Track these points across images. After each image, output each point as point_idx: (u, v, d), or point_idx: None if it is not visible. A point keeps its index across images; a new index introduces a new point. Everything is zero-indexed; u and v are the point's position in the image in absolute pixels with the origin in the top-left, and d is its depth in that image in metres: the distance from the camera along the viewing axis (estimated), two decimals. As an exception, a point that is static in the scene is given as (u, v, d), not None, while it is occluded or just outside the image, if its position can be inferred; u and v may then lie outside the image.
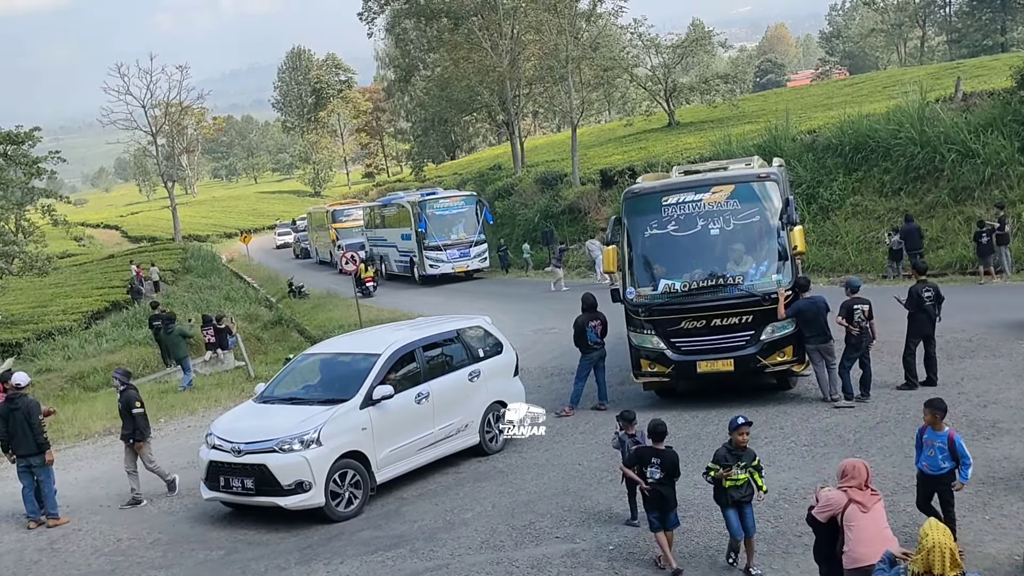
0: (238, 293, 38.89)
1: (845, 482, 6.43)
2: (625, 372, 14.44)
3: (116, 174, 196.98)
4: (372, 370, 10.98)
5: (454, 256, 32.26)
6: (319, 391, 11.38)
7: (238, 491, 10.46)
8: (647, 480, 8.03)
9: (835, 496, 6.42)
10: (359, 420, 10.65)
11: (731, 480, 7.68)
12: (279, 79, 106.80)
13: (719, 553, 8.23)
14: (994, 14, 68.58)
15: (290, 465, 10.08)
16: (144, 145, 70.27)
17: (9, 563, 10.14)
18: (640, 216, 13.27)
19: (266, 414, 11.10)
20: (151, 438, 12.01)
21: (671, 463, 8.07)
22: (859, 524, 6.27)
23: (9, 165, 34.80)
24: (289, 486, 10.10)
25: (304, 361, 12.48)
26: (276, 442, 10.24)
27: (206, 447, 10.89)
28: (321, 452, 10.18)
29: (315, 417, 10.47)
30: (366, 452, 10.62)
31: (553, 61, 38.64)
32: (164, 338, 20.91)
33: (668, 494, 8.05)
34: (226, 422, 11.32)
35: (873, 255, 23.00)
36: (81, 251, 56.52)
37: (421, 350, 11.79)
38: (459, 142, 78.73)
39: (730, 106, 43.09)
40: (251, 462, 10.26)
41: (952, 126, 23.49)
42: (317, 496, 10.14)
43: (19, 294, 34.48)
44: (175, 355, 20.65)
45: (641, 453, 8.29)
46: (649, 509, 8.13)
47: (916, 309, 12.71)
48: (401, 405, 11.03)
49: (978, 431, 10.47)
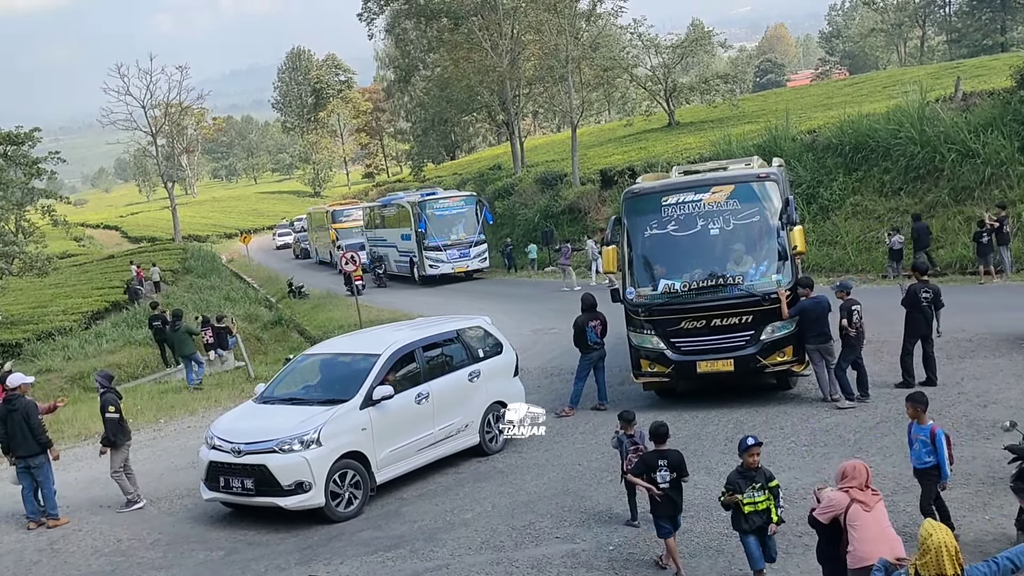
0: (238, 293, 38.90)
1: (846, 483, 6.39)
2: (625, 372, 14.44)
3: (116, 174, 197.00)
4: (372, 370, 10.97)
5: (454, 256, 32.26)
6: (319, 391, 11.36)
7: (238, 491, 10.45)
8: (659, 485, 7.87)
9: (837, 497, 6.38)
10: (359, 420, 10.64)
11: (748, 503, 7.20)
12: (279, 79, 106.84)
13: (719, 554, 8.22)
14: (994, 14, 68.58)
15: (290, 465, 10.07)
16: (144, 145, 70.34)
17: (9, 563, 10.13)
18: (640, 216, 13.26)
19: (266, 414, 11.09)
20: (127, 445, 11.64)
21: (677, 463, 7.98)
22: (862, 523, 6.24)
23: (9, 165, 34.83)
24: (289, 486, 10.09)
25: (304, 361, 12.46)
26: (276, 442, 10.22)
27: (206, 447, 10.87)
28: (321, 452, 10.17)
29: (315, 417, 10.45)
30: (366, 452, 10.61)
31: (553, 61, 38.65)
32: (171, 335, 20.92)
33: (677, 498, 7.98)
34: (226, 422, 11.29)
35: (873, 255, 22.99)
36: (81, 251, 56.60)
37: (421, 350, 11.78)
38: (459, 142, 78.72)
39: (730, 106, 43.11)
40: (251, 462, 10.24)
41: (952, 126, 23.50)
42: (317, 496, 10.13)
43: (19, 294, 34.50)
44: (182, 352, 20.61)
45: (647, 459, 8.10)
46: (661, 515, 7.95)
47: (912, 308, 12.74)
48: (401, 405, 11.02)
49: (978, 431, 10.47)
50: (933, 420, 8.14)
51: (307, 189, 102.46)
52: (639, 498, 8.94)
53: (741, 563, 7.95)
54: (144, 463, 13.23)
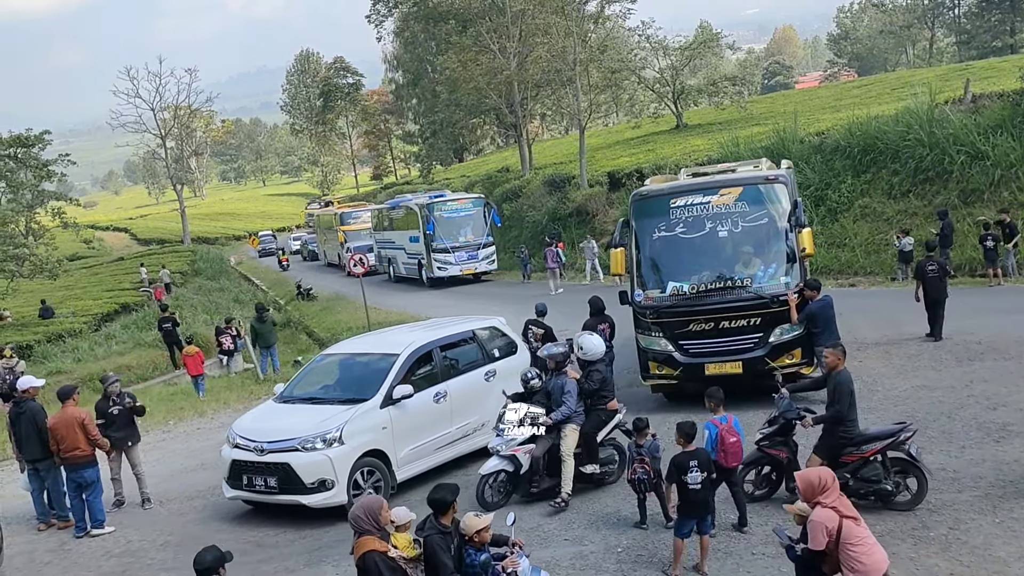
0: (247, 295, 39.06)
1: (825, 497, 6.03)
2: (633, 374, 14.44)
3: (125, 177, 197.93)
4: (392, 370, 11.08)
5: (462, 258, 32.28)
6: (339, 391, 11.47)
7: (261, 490, 10.56)
8: (689, 486, 7.85)
9: (825, 517, 5.96)
10: (379, 419, 10.74)
11: None
12: (287, 82, 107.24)
13: (727, 556, 8.22)
14: (1003, 15, 68.40)
15: (313, 464, 10.18)
16: (153, 148, 70.69)
17: (20, 564, 10.19)
18: (648, 218, 13.26)
19: (288, 414, 11.20)
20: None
21: (707, 461, 7.99)
22: (859, 536, 5.98)
23: (20, 168, 35.07)
24: (312, 484, 10.20)
25: (322, 361, 12.57)
26: (299, 441, 10.33)
27: (228, 446, 10.98)
28: (343, 451, 10.28)
29: (337, 416, 10.55)
30: (386, 451, 10.73)
31: (561, 64, 38.63)
32: (257, 327, 21.56)
33: (709, 498, 7.97)
34: (248, 422, 11.41)
35: (882, 257, 22.92)
36: (90, 254, 56.83)
37: (439, 350, 11.87)
38: (467, 145, 78.79)
39: (738, 108, 43.03)
40: (274, 461, 10.35)
41: (961, 128, 23.41)
42: (339, 494, 10.22)
43: (30, 296, 34.66)
44: (266, 343, 21.47)
45: (678, 461, 8.01)
46: (688, 516, 7.92)
47: (921, 279, 14.99)
48: (420, 404, 11.10)
49: (987, 434, 10.43)
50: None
51: (315, 191, 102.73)
52: (649, 501, 8.97)
53: (748, 566, 7.95)
54: (154, 465, 13.29)
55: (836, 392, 8.58)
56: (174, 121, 65.88)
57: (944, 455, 9.93)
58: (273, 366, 21.31)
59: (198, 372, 20.22)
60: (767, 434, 9.27)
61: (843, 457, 8.64)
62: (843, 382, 8.57)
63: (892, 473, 8.65)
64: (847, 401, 8.55)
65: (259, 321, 21.64)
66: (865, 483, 8.65)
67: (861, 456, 8.63)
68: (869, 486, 8.66)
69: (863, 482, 8.65)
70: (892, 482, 8.64)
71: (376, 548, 5.98)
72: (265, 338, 21.44)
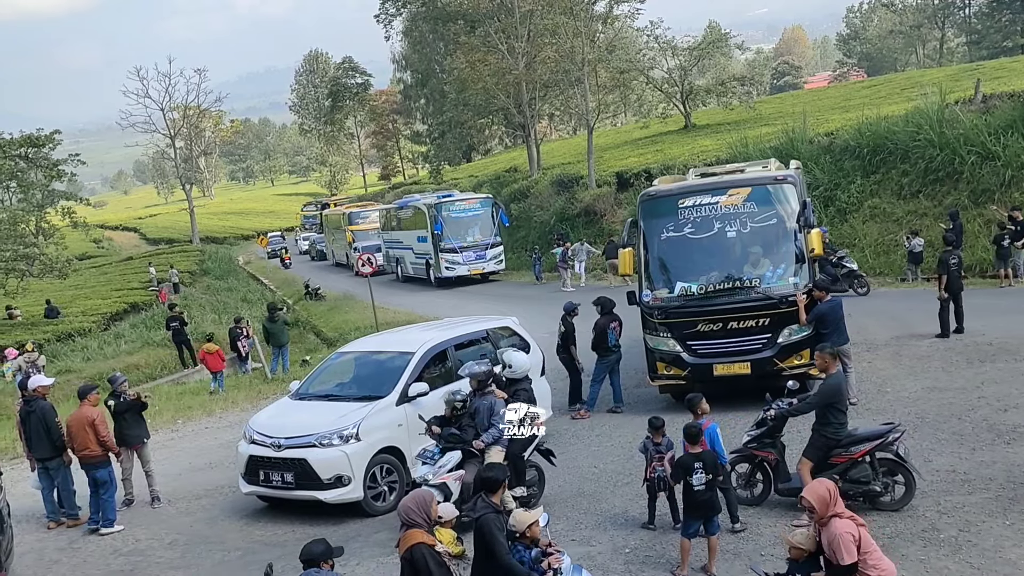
0: (255, 295, 39.14)
1: (838, 509, 6.02)
2: (641, 375, 14.41)
3: (135, 177, 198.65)
4: (407, 368, 11.16)
5: (470, 258, 32.29)
6: (354, 388, 11.55)
7: (278, 485, 10.62)
8: (694, 488, 7.87)
9: (848, 527, 5.93)
10: (395, 416, 10.80)
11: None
12: (296, 82, 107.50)
13: (735, 557, 8.19)
14: (1014, 15, 67.99)
15: (330, 459, 10.24)
16: (162, 148, 70.93)
17: (30, 562, 10.23)
18: (656, 219, 13.24)
19: (304, 410, 11.28)
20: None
21: (712, 463, 7.99)
22: (871, 542, 6.01)
23: (30, 168, 35.22)
24: (329, 480, 10.27)
25: (338, 359, 12.65)
26: (316, 437, 10.41)
27: (245, 442, 11.05)
28: (360, 447, 10.35)
29: (353, 413, 10.62)
30: (402, 448, 10.77)
31: (569, 64, 38.59)
32: (269, 326, 21.67)
33: (713, 499, 7.98)
34: (265, 418, 11.49)
35: (891, 258, 22.84)
36: (100, 253, 57.03)
37: (453, 349, 11.93)
38: (475, 145, 78.79)
39: (747, 108, 42.89)
40: (291, 456, 10.42)
41: (972, 128, 23.29)
42: (356, 490, 10.29)
43: (39, 295, 34.82)
44: (279, 342, 21.51)
45: (683, 462, 8.05)
46: (694, 517, 7.95)
47: (944, 271, 14.91)
48: (435, 402, 11.09)
49: (998, 435, 10.37)
50: None
51: (324, 191, 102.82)
52: (659, 502, 8.95)
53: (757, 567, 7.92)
54: (162, 464, 13.32)
55: (819, 391, 8.71)
56: (183, 121, 66.03)
57: (955, 457, 9.89)
58: (283, 365, 21.39)
59: (218, 368, 20.51)
60: (755, 436, 9.30)
61: (832, 459, 8.70)
62: (830, 384, 8.68)
63: (881, 474, 8.69)
64: (826, 401, 8.66)
65: (271, 321, 21.75)
66: (854, 484, 8.69)
67: (850, 457, 8.69)
68: (858, 487, 8.70)
69: (852, 483, 8.69)
70: (881, 483, 8.68)
71: (425, 541, 5.99)
72: (277, 338, 21.53)
